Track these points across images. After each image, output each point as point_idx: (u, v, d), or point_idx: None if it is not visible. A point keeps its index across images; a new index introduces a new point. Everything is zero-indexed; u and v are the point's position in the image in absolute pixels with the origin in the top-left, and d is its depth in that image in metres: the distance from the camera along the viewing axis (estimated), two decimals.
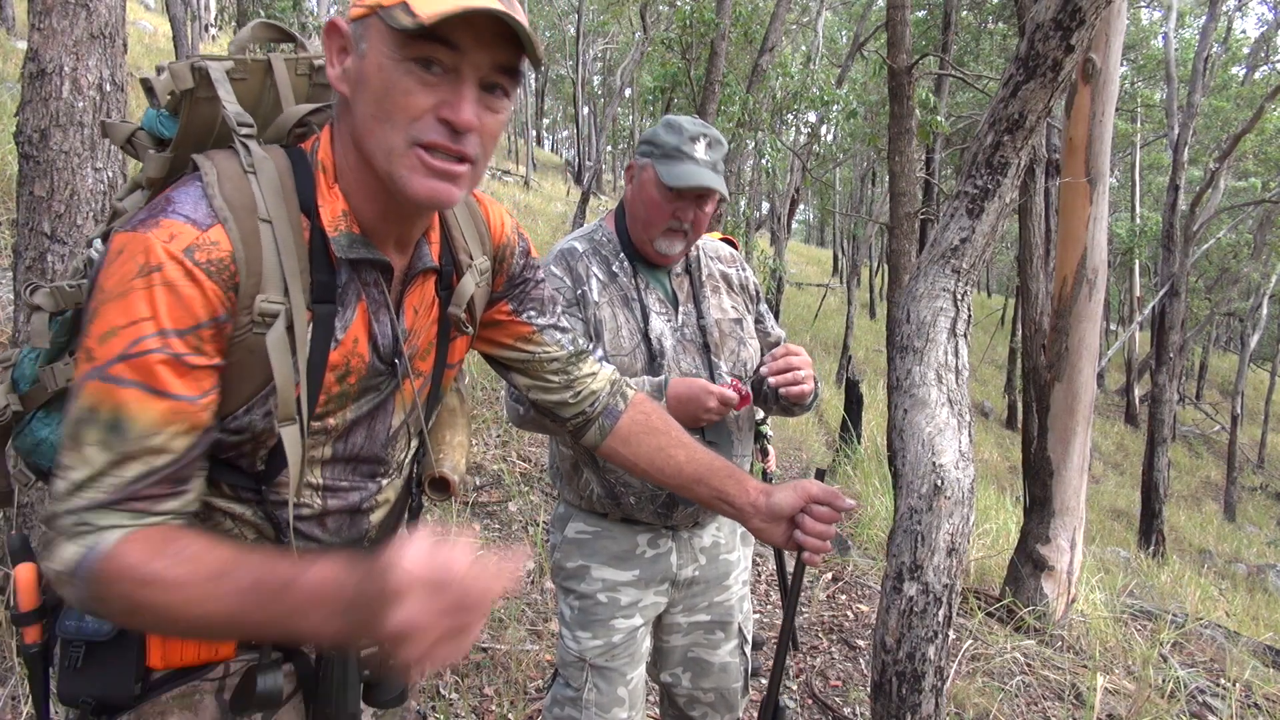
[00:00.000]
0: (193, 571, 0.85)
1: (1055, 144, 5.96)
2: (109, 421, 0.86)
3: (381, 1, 0.89)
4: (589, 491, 1.89)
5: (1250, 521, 15.42)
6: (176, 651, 1.03)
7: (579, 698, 1.86)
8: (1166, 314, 11.36)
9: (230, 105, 0.98)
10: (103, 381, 0.86)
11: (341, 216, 0.99)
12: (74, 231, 2.47)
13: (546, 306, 1.30)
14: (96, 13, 2.46)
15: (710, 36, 9.06)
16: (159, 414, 0.88)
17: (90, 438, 0.86)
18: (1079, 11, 1.65)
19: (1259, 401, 23.61)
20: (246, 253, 0.92)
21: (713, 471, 1.33)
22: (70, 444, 0.87)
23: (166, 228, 0.89)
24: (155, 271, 0.87)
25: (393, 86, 0.90)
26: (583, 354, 1.33)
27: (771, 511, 1.30)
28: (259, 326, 0.93)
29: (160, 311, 0.87)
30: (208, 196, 0.92)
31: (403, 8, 0.87)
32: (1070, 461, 4.33)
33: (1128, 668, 3.84)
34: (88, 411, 0.86)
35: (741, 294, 2.02)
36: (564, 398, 1.31)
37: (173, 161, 1.01)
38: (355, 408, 1.06)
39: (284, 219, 0.95)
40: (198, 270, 0.88)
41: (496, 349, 1.28)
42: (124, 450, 0.87)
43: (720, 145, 1.85)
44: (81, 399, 0.87)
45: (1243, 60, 19.97)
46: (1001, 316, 22.94)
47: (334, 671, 1.09)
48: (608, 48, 27.53)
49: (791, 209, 15.45)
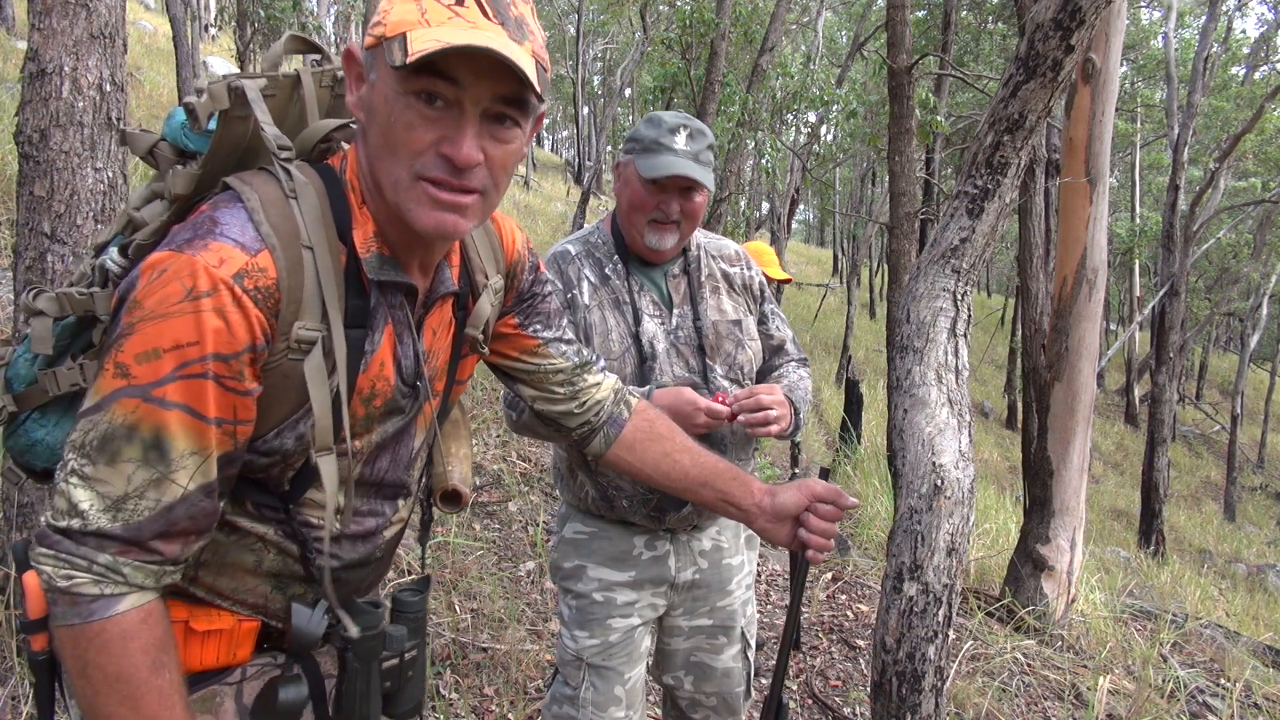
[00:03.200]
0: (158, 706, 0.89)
1: (1055, 144, 5.95)
2: (150, 441, 0.86)
3: (386, 33, 0.89)
4: (585, 493, 1.89)
5: (1250, 521, 15.41)
6: (196, 655, 1.03)
7: (576, 696, 1.86)
8: (1166, 314, 11.35)
9: (269, 128, 0.98)
10: (145, 402, 0.86)
11: (373, 238, 1.00)
12: (74, 231, 2.46)
13: (553, 320, 1.31)
14: (96, 13, 2.46)
15: (710, 36, 9.06)
16: (201, 436, 0.88)
17: (129, 454, 0.86)
18: (1079, 11, 1.65)
19: (1259, 401, 23.60)
20: (290, 280, 0.92)
21: (717, 475, 1.35)
22: (104, 458, 0.86)
23: (216, 251, 0.88)
24: (206, 296, 0.86)
25: (396, 120, 0.90)
26: (587, 365, 1.34)
27: (777, 512, 1.32)
28: (294, 353, 0.94)
29: (207, 337, 0.86)
30: (254, 222, 0.91)
31: (400, 42, 0.87)
32: (1070, 461, 4.33)
33: (1127, 668, 3.84)
34: (126, 430, 0.86)
35: (744, 294, 1.98)
36: (569, 408, 1.33)
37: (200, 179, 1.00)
38: (380, 430, 1.07)
39: (324, 245, 0.95)
40: (245, 297, 0.88)
41: (503, 360, 1.30)
42: (164, 471, 0.87)
43: (703, 135, 1.81)
44: (116, 415, 0.86)
45: (1243, 60, 19.96)
46: (1001, 316, 22.93)
47: (357, 684, 1.10)
48: (608, 48, 27.53)
49: (791, 209, 15.44)
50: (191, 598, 1.04)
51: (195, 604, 1.04)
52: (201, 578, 1.04)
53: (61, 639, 0.89)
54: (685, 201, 1.80)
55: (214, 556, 1.03)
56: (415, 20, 0.88)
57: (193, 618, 1.03)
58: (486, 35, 0.87)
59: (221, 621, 1.05)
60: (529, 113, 0.95)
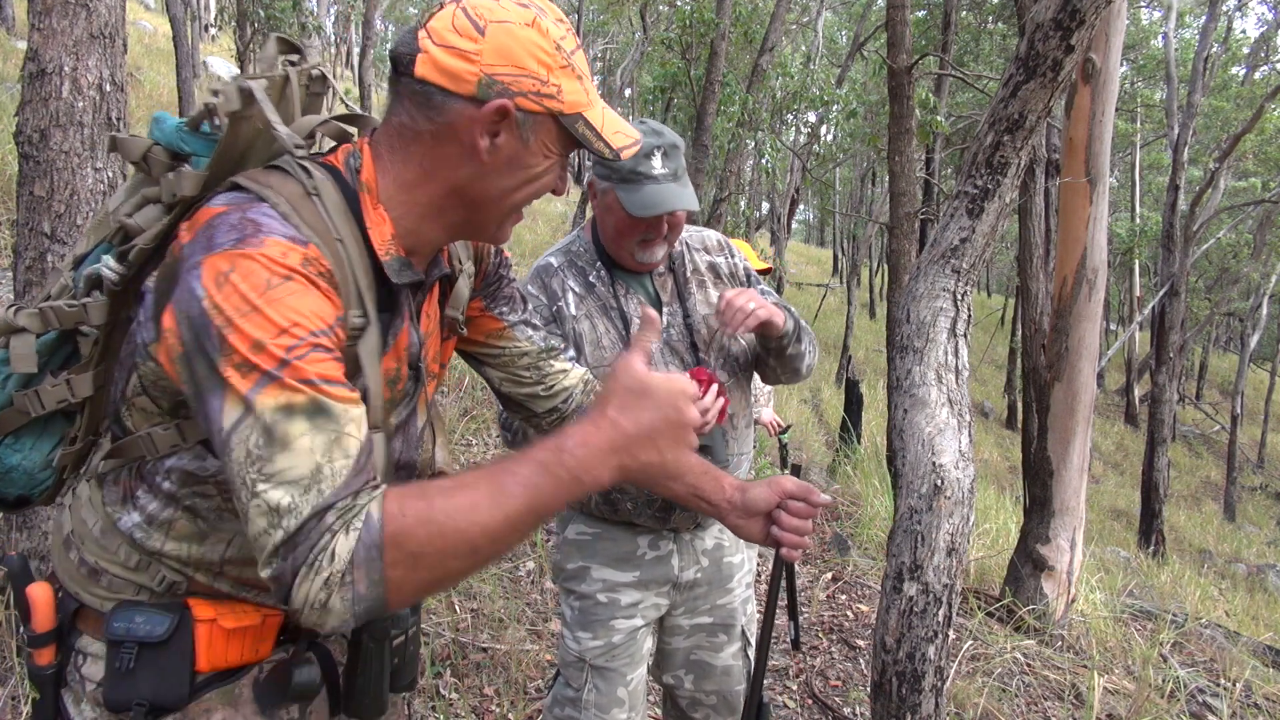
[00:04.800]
0: (473, 494, 0.86)
1: (1055, 144, 5.95)
2: (310, 409, 0.84)
3: (562, 109, 0.99)
4: (588, 497, 1.88)
5: (1250, 521, 15.41)
6: (222, 653, 1.04)
7: (579, 698, 1.86)
8: (1166, 314, 11.36)
9: (280, 126, 0.99)
10: (283, 384, 0.84)
11: (391, 240, 1.02)
12: (74, 231, 2.46)
13: (517, 304, 1.34)
14: (96, 13, 2.46)
15: (710, 36, 9.06)
16: (340, 398, 0.87)
17: (297, 429, 0.83)
18: (1079, 11, 1.65)
19: (1259, 401, 23.60)
20: (339, 272, 0.94)
21: (688, 468, 1.34)
22: (276, 449, 0.82)
23: (275, 245, 0.88)
24: (286, 281, 0.87)
25: (535, 174, 1.03)
26: (554, 350, 1.38)
27: (747, 507, 1.33)
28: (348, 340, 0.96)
29: (303, 316, 0.87)
30: (291, 222, 0.92)
31: (585, 124, 1.01)
32: (1070, 461, 4.33)
33: (1127, 668, 3.84)
34: (281, 412, 0.83)
35: (730, 283, 1.95)
36: (535, 391, 1.36)
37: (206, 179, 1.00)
38: (397, 414, 1.11)
39: (351, 237, 0.98)
40: (319, 280, 0.90)
41: (470, 345, 1.33)
42: (336, 429, 0.85)
43: (676, 150, 1.76)
44: (262, 408, 0.83)
45: (1243, 60, 19.96)
46: (1001, 316, 22.93)
47: (373, 663, 1.12)
48: (608, 48, 27.51)
49: (791, 209, 15.45)
50: (217, 594, 1.05)
51: (221, 601, 1.05)
52: (228, 571, 1.05)
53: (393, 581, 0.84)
54: (671, 218, 1.79)
55: (242, 549, 1.04)
56: (586, 101, 1.01)
57: (220, 616, 1.04)
58: (615, 116, 1.05)
59: (248, 618, 1.06)
60: None
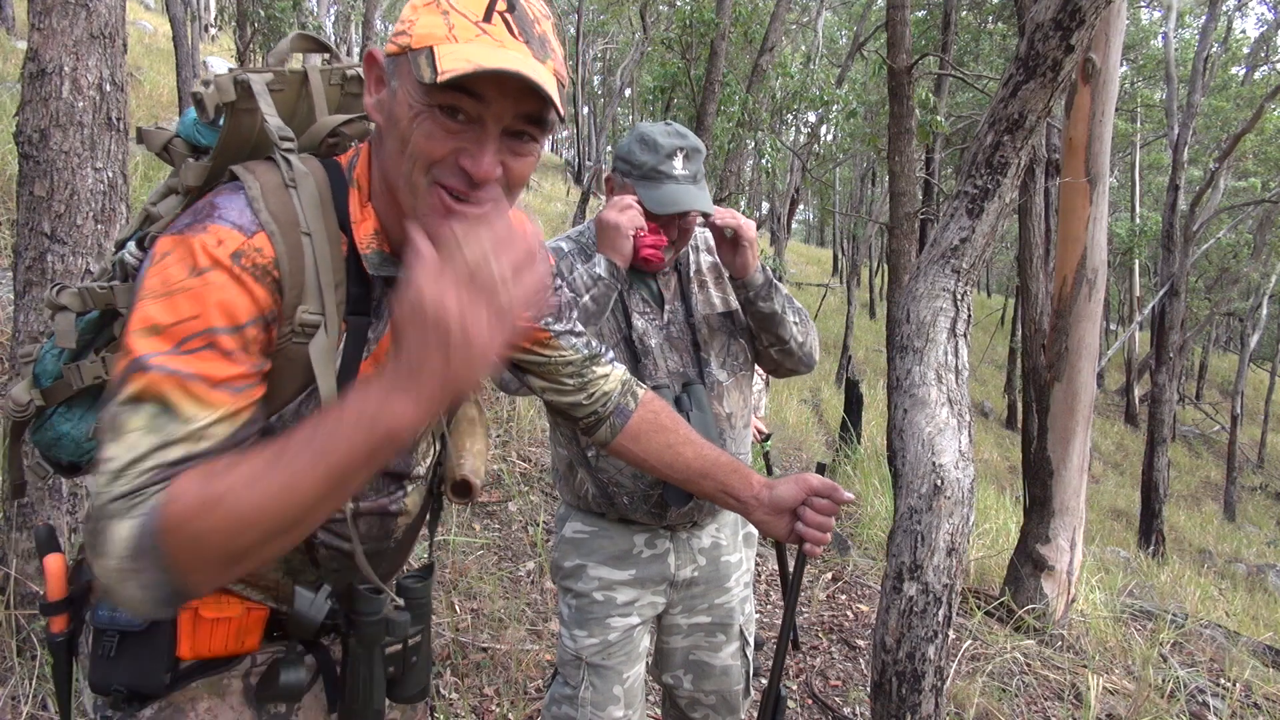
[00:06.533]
0: (253, 464, 0.82)
1: (1055, 144, 5.95)
2: (154, 409, 0.86)
3: (411, 44, 0.91)
4: (584, 491, 1.89)
5: (1250, 521, 15.41)
6: (205, 642, 1.05)
7: (576, 696, 1.87)
8: (1166, 314, 11.36)
9: (271, 118, 1.01)
10: (146, 372, 0.86)
11: (373, 236, 1.02)
12: (74, 231, 2.46)
13: (562, 313, 1.33)
14: (96, 13, 2.46)
15: (710, 36, 9.06)
16: (203, 401, 0.88)
17: (134, 424, 0.85)
18: (1079, 11, 1.66)
19: (1259, 401, 23.61)
20: (290, 265, 0.95)
21: (718, 466, 1.39)
22: (112, 434, 0.86)
23: (214, 233, 0.91)
24: (205, 272, 0.89)
25: (417, 128, 0.91)
26: (597, 357, 1.37)
27: (774, 504, 1.36)
28: (299, 336, 0.97)
29: (207, 310, 0.89)
30: (253, 207, 0.95)
31: (427, 56, 0.88)
32: (1070, 461, 4.33)
33: (1127, 668, 3.84)
34: (132, 400, 0.86)
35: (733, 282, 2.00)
36: (578, 399, 1.36)
37: (211, 170, 1.04)
38: None
39: (322, 233, 0.98)
40: (245, 275, 0.91)
41: (514, 352, 1.32)
42: (169, 434, 0.86)
43: (698, 153, 1.84)
44: (125, 390, 0.86)
45: (1243, 60, 19.96)
46: (1001, 316, 22.94)
47: (360, 669, 1.12)
48: (608, 48, 27.51)
49: (791, 209, 15.45)
50: None
51: None
52: None
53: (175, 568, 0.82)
54: (683, 221, 1.85)
55: None
56: (443, 35, 0.89)
57: (202, 605, 1.05)
58: (513, 57, 0.89)
59: (230, 609, 1.07)
60: (548, 129, 0.97)
